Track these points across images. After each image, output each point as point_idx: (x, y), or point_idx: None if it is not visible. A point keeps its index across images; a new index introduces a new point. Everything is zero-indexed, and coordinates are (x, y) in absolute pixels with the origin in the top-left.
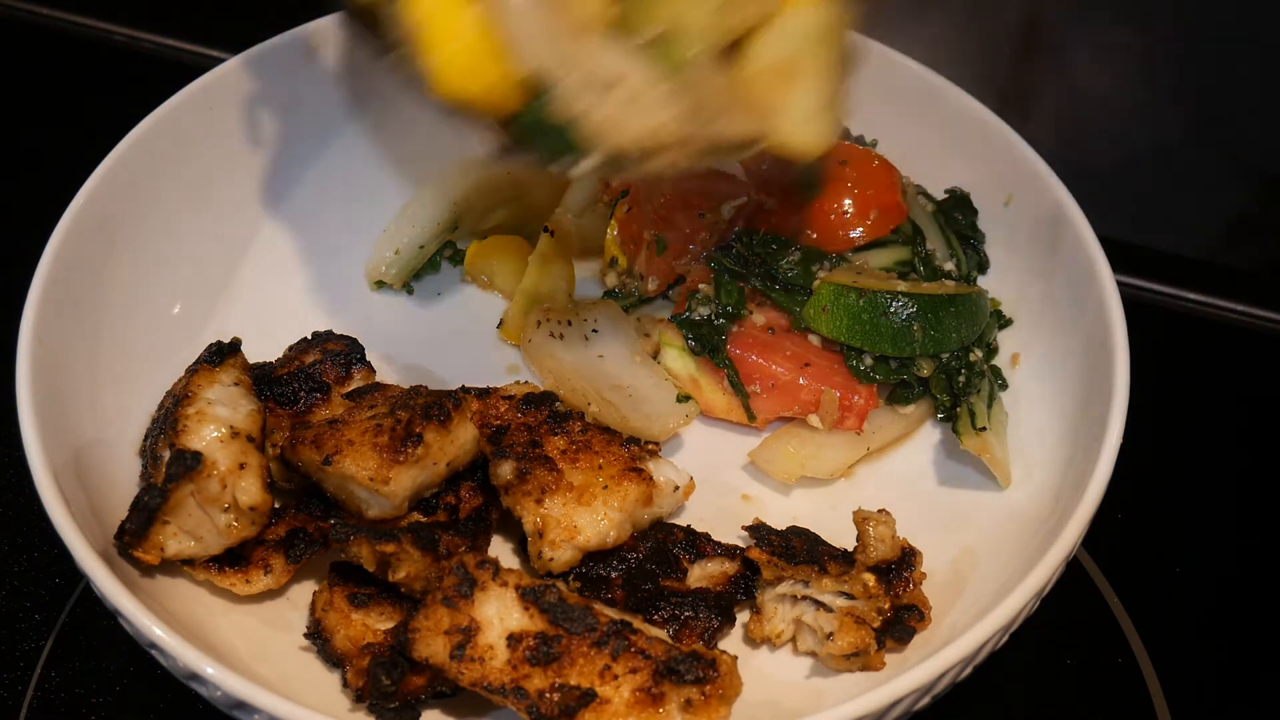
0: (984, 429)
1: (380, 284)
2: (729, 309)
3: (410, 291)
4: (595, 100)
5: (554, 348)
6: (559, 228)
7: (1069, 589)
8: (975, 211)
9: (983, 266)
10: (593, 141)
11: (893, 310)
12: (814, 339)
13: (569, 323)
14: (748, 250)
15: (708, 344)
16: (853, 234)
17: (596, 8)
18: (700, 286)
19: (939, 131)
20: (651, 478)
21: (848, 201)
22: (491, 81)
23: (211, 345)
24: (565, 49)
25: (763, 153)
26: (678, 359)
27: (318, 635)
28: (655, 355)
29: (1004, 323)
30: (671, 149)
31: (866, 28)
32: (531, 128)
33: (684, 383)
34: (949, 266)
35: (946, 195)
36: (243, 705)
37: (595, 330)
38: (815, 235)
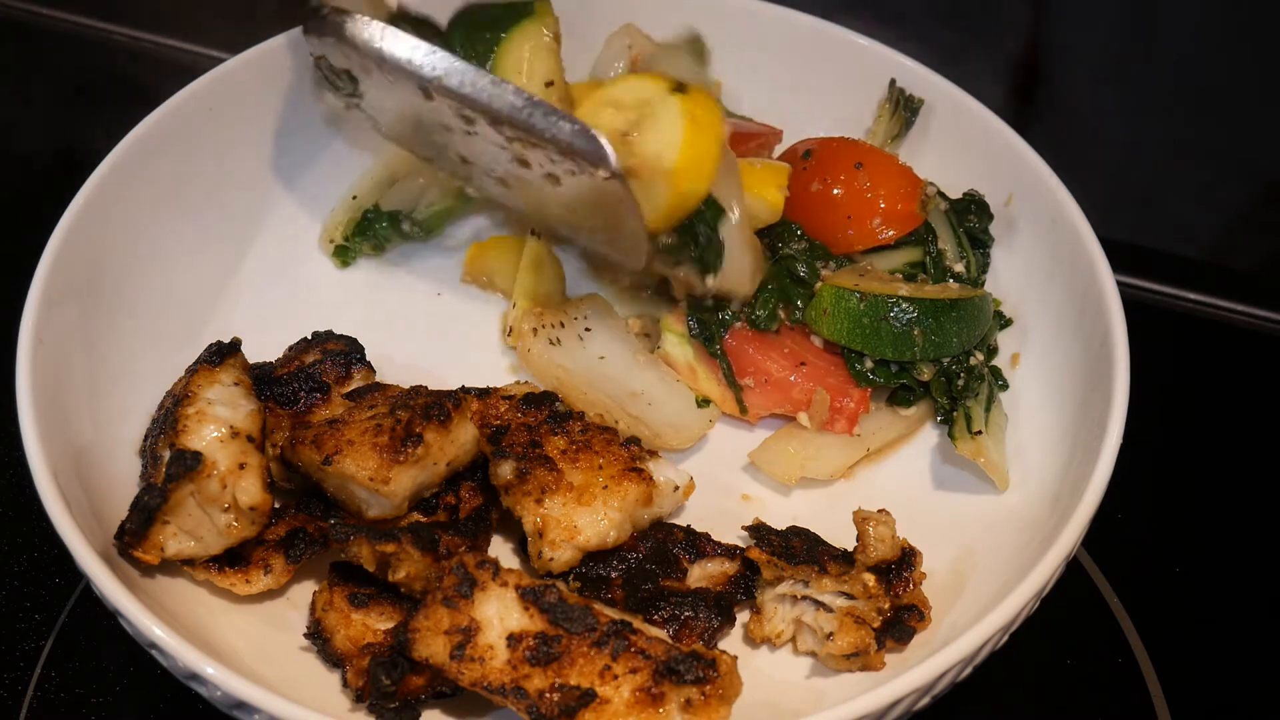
0: (979, 433)
1: (338, 249)
2: (762, 317)
3: (359, 251)
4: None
5: (554, 355)
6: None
7: (1069, 589)
8: (991, 216)
9: (984, 267)
10: (719, 264)
11: (893, 315)
12: (815, 339)
13: (561, 324)
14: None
15: (705, 331)
16: (857, 245)
17: None
18: None
19: (940, 131)
20: (651, 478)
21: (861, 208)
22: (704, 187)
23: (211, 345)
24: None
25: None
26: (677, 345)
27: (318, 635)
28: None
29: (1004, 323)
30: (744, 291)
31: (869, 29)
32: (694, 235)
33: (681, 371)
34: (958, 268)
35: (963, 197)
36: (243, 705)
37: (588, 328)
38: (824, 239)
